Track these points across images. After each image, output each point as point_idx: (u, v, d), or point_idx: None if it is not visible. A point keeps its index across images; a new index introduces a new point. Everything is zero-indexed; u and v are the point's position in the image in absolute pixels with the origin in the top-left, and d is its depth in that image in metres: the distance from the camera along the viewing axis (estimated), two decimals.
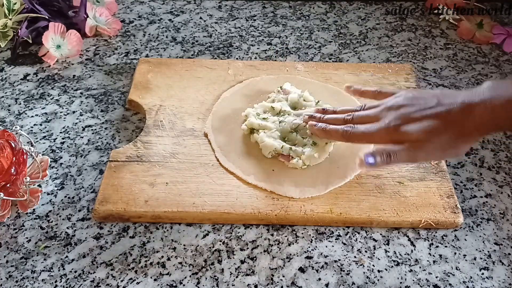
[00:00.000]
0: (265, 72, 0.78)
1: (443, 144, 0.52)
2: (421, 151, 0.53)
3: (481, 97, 0.50)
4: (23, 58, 0.83)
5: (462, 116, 0.51)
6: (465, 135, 0.52)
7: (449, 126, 0.52)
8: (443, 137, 0.52)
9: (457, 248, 0.58)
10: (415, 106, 0.55)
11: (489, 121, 0.50)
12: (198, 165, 0.64)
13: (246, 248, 0.57)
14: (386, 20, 0.95)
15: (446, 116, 0.52)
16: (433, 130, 0.52)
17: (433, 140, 0.52)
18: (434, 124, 0.52)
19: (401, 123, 0.54)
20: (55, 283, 0.54)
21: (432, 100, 0.54)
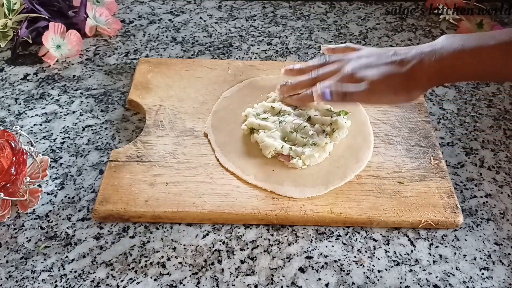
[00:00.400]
0: (265, 72, 0.78)
1: (396, 86, 0.57)
2: (375, 93, 0.58)
3: (432, 47, 0.55)
4: (23, 58, 0.83)
5: (414, 62, 0.55)
6: (415, 80, 0.56)
7: (402, 70, 0.56)
8: (396, 79, 0.56)
9: (457, 248, 0.58)
10: (374, 56, 0.60)
11: (436, 70, 0.54)
12: (198, 165, 0.64)
13: (246, 248, 0.57)
14: (386, 20, 0.95)
15: (400, 62, 0.57)
16: (388, 73, 0.57)
17: (387, 82, 0.57)
18: (387, 68, 0.57)
19: (359, 69, 0.60)
20: (55, 283, 0.54)
21: (389, 52, 0.59)
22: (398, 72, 0.57)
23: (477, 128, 0.73)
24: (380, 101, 0.62)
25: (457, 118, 0.74)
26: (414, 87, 0.57)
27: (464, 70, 0.54)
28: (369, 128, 0.69)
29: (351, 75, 0.60)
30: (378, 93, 0.58)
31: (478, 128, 0.73)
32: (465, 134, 0.72)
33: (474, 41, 0.53)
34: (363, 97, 0.59)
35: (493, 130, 0.72)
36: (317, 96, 0.62)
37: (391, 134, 0.69)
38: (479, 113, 0.75)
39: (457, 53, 0.53)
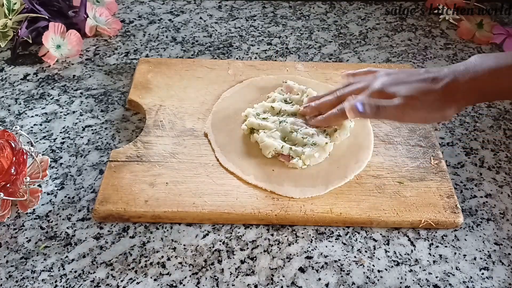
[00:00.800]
0: (265, 72, 0.78)
1: (431, 104, 0.55)
2: (409, 108, 0.56)
3: (466, 66, 0.54)
4: (23, 58, 0.83)
5: (447, 80, 0.54)
6: (450, 98, 0.55)
7: (436, 88, 0.55)
8: (430, 97, 0.55)
9: (457, 248, 0.58)
10: (404, 73, 0.59)
11: (473, 89, 0.54)
12: (198, 165, 0.64)
13: (246, 248, 0.57)
14: (386, 20, 0.95)
15: (433, 80, 0.55)
16: (422, 89, 0.55)
17: (421, 98, 0.55)
18: (422, 85, 0.56)
19: (391, 84, 0.58)
20: (55, 283, 0.54)
21: (420, 70, 0.58)
22: (432, 89, 0.55)
23: (477, 128, 0.73)
24: (413, 118, 0.58)
25: (457, 118, 0.74)
26: (449, 105, 0.55)
27: (500, 87, 0.53)
28: (369, 128, 0.69)
29: (381, 91, 0.57)
30: (412, 109, 0.56)
31: (478, 128, 0.73)
32: (465, 134, 0.72)
33: (510, 58, 0.52)
34: (397, 112, 0.56)
35: (493, 130, 0.72)
36: (349, 109, 0.58)
37: (391, 134, 0.69)
38: (479, 113, 0.75)
39: (492, 70, 0.52)
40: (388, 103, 0.56)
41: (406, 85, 0.56)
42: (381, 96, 0.58)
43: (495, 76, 0.52)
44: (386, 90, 0.57)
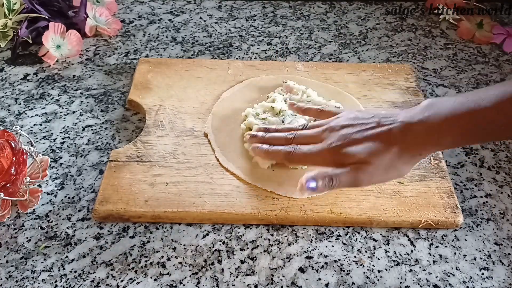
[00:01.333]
0: (265, 72, 0.78)
1: (385, 165, 0.52)
2: (363, 173, 0.52)
3: (419, 116, 0.51)
4: (23, 58, 0.83)
5: (401, 136, 0.51)
6: (406, 155, 0.52)
7: (390, 147, 0.52)
8: (385, 158, 0.52)
9: (457, 248, 0.58)
10: (356, 127, 0.55)
11: (427, 140, 0.51)
12: (198, 165, 0.64)
13: (246, 248, 0.57)
14: (386, 20, 0.95)
15: (387, 136, 0.52)
16: (375, 151, 0.52)
17: (374, 162, 0.52)
18: (375, 145, 0.52)
19: (342, 144, 0.54)
20: (55, 283, 0.54)
21: (373, 121, 0.54)
22: (384, 148, 0.52)
23: None
24: (370, 181, 0.54)
25: None
26: (405, 163, 0.53)
27: (459, 137, 0.50)
28: None
29: (333, 149, 0.54)
30: (367, 175, 0.53)
31: None
32: None
33: (465, 104, 0.49)
34: (351, 181, 0.53)
35: None
36: (300, 186, 0.54)
37: None
38: None
39: (449, 120, 0.49)
40: (340, 172, 0.53)
41: (358, 147, 0.53)
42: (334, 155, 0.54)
43: (452, 125, 0.49)
44: (340, 150, 0.54)
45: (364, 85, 0.75)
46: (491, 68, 0.83)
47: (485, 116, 0.48)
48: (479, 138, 0.53)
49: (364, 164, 0.52)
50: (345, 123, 0.56)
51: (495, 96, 0.47)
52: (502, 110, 0.47)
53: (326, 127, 0.57)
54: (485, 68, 0.83)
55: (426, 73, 0.82)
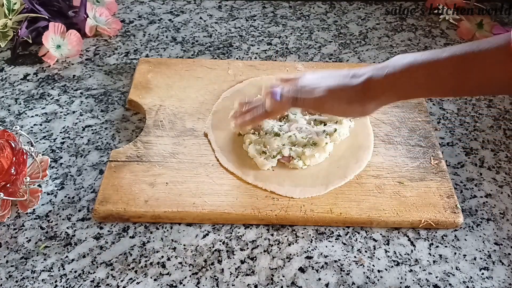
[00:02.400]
0: (265, 72, 0.78)
1: (349, 98, 0.56)
2: (328, 100, 0.57)
3: (386, 63, 0.55)
4: (23, 58, 0.83)
5: (365, 76, 0.55)
6: (369, 93, 0.55)
7: (355, 84, 0.56)
8: (349, 92, 0.56)
9: (457, 248, 0.58)
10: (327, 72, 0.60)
11: (389, 84, 0.54)
12: (198, 165, 0.64)
13: (246, 248, 0.57)
14: (386, 20, 0.95)
15: (353, 76, 0.56)
16: (341, 84, 0.57)
17: (339, 92, 0.57)
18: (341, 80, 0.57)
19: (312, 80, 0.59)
20: (55, 283, 0.54)
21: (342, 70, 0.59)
22: (350, 83, 0.56)
23: (477, 128, 0.73)
24: (333, 109, 0.59)
25: (457, 118, 0.74)
26: (368, 101, 0.56)
27: (416, 84, 0.53)
28: (369, 128, 0.69)
29: (304, 86, 0.59)
30: (331, 101, 0.57)
31: (478, 128, 0.73)
32: (465, 134, 0.72)
33: (426, 55, 0.52)
34: (315, 103, 0.58)
35: (493, 130, 0.72)
36: (266, 93, 0.61)
37: (391, 134, 0.69)
38: (479, 113, 0.75)
39: (408, 66, 0.53)
40: (307, 95, 0.58)
41: (327, 80, 0.58)
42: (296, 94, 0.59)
43: (409, 71, 0.53)
44: (308, 86, 0.59)
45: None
46: None
47: (441, 67, 0.51)
48: (434, 89, 0.55)
49: (330, 92, 0.57)
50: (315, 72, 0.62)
51: (449, 52, 0.51)
52: (457, 64, 0.50)
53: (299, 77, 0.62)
54: None
55: None
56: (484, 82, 0.50)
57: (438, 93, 0.58)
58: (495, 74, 0.49)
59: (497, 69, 0.48)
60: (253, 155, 0.63)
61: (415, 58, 0.53)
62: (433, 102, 0.77)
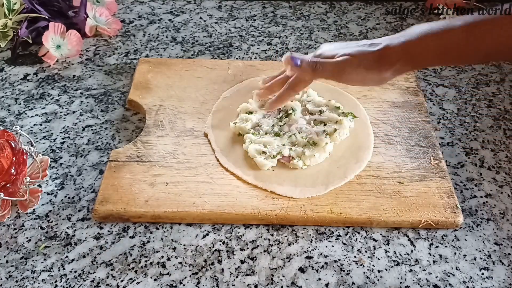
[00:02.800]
0: (265, 72, 0.78)
1: (367, 64, 0.58)
2: (347, 66, 0.59)
3: (402, 32, 0.57)
4: (23, 58, 0.83)
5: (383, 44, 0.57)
6: (387, 62, 0.57)
7: (373, 50, 0.58)
8: (367, 57, 0.58)
9: (457, 248, 0.58)
10: (345, 42, 0.63)
11: (404, 50, 0.56)
12: (198, 165, 0.64)
13: (246, 248, 0.57)
14: (386, 20, 0.95)
15: (370, 44, 0.58)
16: (359, 51, 0.59)
17: (358, 57, 0.58)
18: (360, 48, 0.59)
19: (330, 49, 0.61)
20: (55, 283, 0.54)
21: (360, 41, 0.61)
22: (368, 50, 0.58)
23: (477, 128, 0.73)
24: (351, 77, 0.61)
25: (457, 118, 0.74)
26: (385, 68, 0.58)
27: (430, 51, 0.55)
28: (369, 128, 0.69)
29: (322, 54, 0.61)
30: (349, 68, 0.59)
31: (478, 128, 0.73)
32: (465, 134, 0.72)
33: (441, 23, 0.55)
34: (334, 68, 0.60)
35: (493, 130, 0.72)
36: (285, 59, 0.63)
37: (391, 134, 0.69)
38: (479, 113, 0.75)
39: (423, 35, 0.55)
40: (326, 61, 0.60)
41: (345, 49, 0.60)
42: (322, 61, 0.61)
43: (424, 40, 0.55)
44: (326, 53, 0.61)
45: None
46: (491, 68, 0.83)
47: (454, 34, 0.54)
48: (446, 57, 0.57)
49: (349, 58, 0.58)
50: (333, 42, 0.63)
51: (464, 21, 0.54)
52: (469, 29, 0.53)
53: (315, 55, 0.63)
54: (485, 68, 0.83)
55: (426, 73, 0.82)
56: (497, 47, 0.53)
57: (451, 60, 0.60)
58: (506, 39, 0.52)
59: (509, 34, 0.51)
60: (253, 155, 0.63)
61: (431, 27, 0.55)
62: (433, 102, 0.77)
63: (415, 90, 0.75)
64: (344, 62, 0.59)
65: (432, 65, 0.64)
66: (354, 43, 0.61)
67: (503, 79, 0.82)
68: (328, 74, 0.61)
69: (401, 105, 0.73)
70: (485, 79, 0.81)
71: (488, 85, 0.80)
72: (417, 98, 0.74)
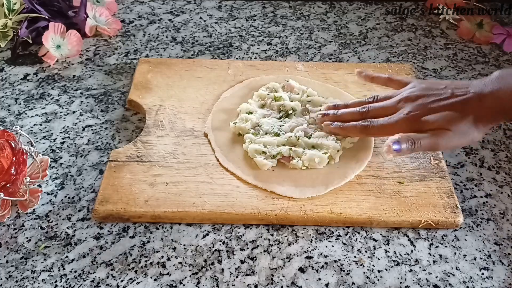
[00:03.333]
0: (265, 72, 0.78)
1: (462, 132, 0.56)
2: (442, 138, 0.56)
3: (490, 88, 0.55)
4: (23, 58, 0.83)
5: (474, 106, 0.56)
6: (480, 122, 0.56)
7: (465, 115, 0.56)
8: (461, 125, 0.56)
9: (457, 248, 0.58)
10: (431, 96, 0.58)
11: (498, 111, 0.55)
12: (198, 165, 0.64)
13: (246, 248, 0.57)
14: (386, 20, 0.95)
15: (462, 106, 0.56)
16: (452, 119, 0.56)
17: (453, 128, 0.56)
18: (451, 113, 0.56)
19: (420, 113, 0.57)
20: (55, 283, 0.54)
21: (446, 91, 0.58)
22: (461, 117, 0.56)
23: None
24: (448, 146, 0.58)
25: None
26: (478, 130, 0.56)
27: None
28: None
29: (412, 118, 0.58)
30: (445, 140, 0.56)
31: None
32: None
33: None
34: (431, 145, 0.57)
35: (493, 130, 0.72)
36: (387, 150, 0.57)
37: None
38: None
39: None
40: (421, 136, 0.57)
41: (435, 115, 0.57)
42: (411, 124, 0.58)
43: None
44: (415, 118, 0.58)
45: (364, 85, 0.75)
46: (491, 68, 0.83)
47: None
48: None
49: (443, 130, 0.56)
50: (419, 93, 0.59)
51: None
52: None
53: (401, 98, 0.60)
54: (485, 68, 0.83)
55: (426, 73, 0.82)
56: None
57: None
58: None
59: None
60: (253, 155, 0.63)
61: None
62: None
63: None
64: (438, 138, 0.56)
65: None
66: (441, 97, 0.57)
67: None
68: (426, 150, 0.58)
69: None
70: None
71: None
72: None
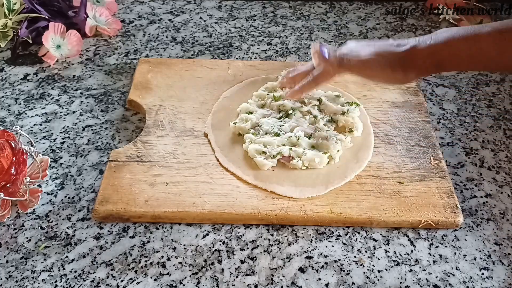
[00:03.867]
0: (265, 72, 0.78)
1: (392, 63, 0.58)
2: (372, 63, 0.59)
3: (429, 35, 0.57)
4: (23, 58, 0.83)
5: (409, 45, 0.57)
6: (411, 59, 0.57)
7: (399, 51, 0.58)
8: (393, 57, 0.58)
9: (457, 248, 0.58)
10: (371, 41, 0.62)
11: (431, 55, 0.56)
12: (198, 165, 0.64)
13: (246, 248, 0.57)
14: (386, 20, 0.95)
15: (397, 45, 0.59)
16: (386, 50, 0.59)
17: (384, 56, 0.59)
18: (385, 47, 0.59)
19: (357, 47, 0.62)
20: (55, 283, 0.54)
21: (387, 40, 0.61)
22: (395, 50, 0.58)
23: (477, 128, 0.73)
24: (376, 74, 0.61)
25: (457, 118, 0.74)
26: (410, 66, 0.58)
27: (458, 55, 0.55)
28: (369, 128, 0.69)
29: (351, 50, 0.62)
30: (375, 65, 0.60)
31: (478, 128, 0.73)
32: (465, 134, 0.72)
33: (470, 29, 0.55)
34: (360, 65, 0.60)
35: (493, 130, 0.72)
36: (314, 52, 0.63)
37: (391, 134, 0.69)
38: (479, 113, 0.75)
39: (451, 38, 0.55)
40: (354, 57, 0.61)
41: (371, 47, 0.61)
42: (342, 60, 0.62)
43: (451, 44, 0.55)
44: (354, 49, 0.61)
45: (364, 85, 0.75)
46: None
47: (484, 40, 0.53)
48: (476, 62, 0.56)
49: (375, 55, 0.59)
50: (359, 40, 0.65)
51: (490, 26, 0.53)
52: (500, 37, 0.52)
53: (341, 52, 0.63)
54: None
55: None
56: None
57: (478, 66, 0.61)
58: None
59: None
60: (253, 155, 0.63)
61: (457, 31, 0.55)
62: (433, 102, 0.77)
63: (415, 90, 0.75)
64: (371, 60, 0.59)
65: (458, 69, 0.65)
66: (381, 42, 0.61)
67: (503, 79, 0.82)
68: (354, 69, 0.62)
69: (401, 105, 0.73)
70: (485, 79, 0.81)
71: (488, 85, 0.80)
72: (417, 98, 0.74)
